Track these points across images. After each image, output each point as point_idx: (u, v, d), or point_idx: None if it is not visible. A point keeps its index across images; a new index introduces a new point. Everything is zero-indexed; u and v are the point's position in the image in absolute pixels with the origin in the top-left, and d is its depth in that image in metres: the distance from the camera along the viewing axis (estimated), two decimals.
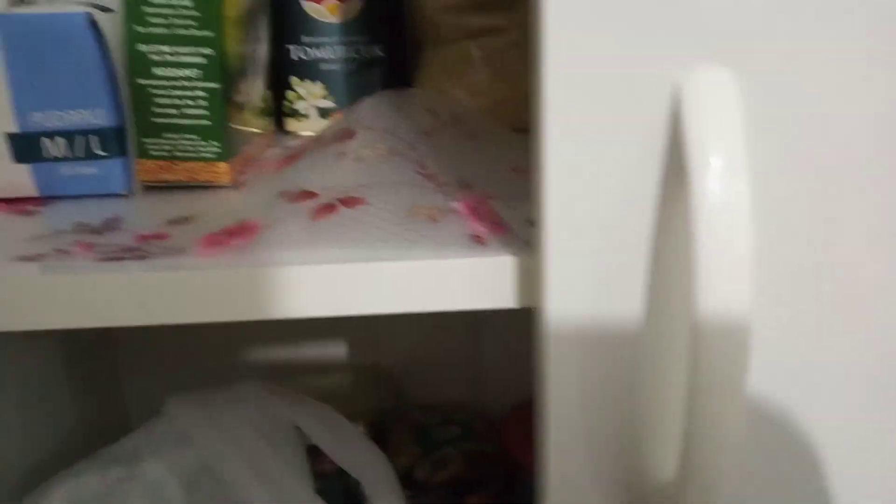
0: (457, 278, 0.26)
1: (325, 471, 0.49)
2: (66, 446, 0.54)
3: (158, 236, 0.29)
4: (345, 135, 0.34)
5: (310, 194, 0.30)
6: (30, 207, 0.33)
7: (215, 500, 0.42)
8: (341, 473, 0.47)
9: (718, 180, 0.21)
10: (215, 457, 0.43)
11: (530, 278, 0.26)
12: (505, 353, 0.64)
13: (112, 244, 0.28)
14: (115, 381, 0.62)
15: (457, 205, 0.29)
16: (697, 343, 0.21)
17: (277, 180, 0.34)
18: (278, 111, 0.46)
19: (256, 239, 0.27)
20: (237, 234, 0.28)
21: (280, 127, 0.46)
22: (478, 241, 0.27)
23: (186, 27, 0.32)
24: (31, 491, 0.46)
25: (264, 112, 0.44)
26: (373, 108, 0.36)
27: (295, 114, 0.45)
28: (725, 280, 0.21)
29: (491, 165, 0.33)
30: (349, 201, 0.29)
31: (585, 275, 0.23)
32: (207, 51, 0.33)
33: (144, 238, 0.28)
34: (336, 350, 0.64)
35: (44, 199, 0.34)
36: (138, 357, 0.63)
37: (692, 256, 0.21)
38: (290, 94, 0.45)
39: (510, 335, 0.63)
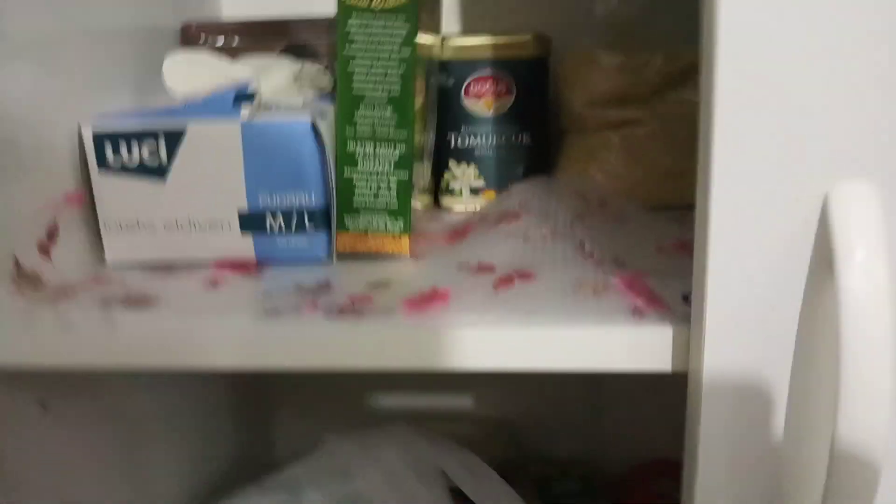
0: (621, 345, 0.30)
1: None
2: (226, 475, 0.61)
3: (366, 298, 0.35)
4: (511, 216, 0.40)
5: (488, 267, 0.36)
6: (252, 271, 0.41)
7: None
8: None
9: (861, 273, 0.25)
10: (371, 489, 0.48)
11: (684, 347, 0.30)
12: (622, 412, 0.67)
13: (331, 303, 0.34)
14: (267, 417, 0.70)
15: (615, 280, 0.34)
16: (839, 408, 0.25)
17: (452, 253, 0.40)
18: (436, 189, 0.53)
19: (450, 304, 0.33)
20: (433, 299, 0.34)
21: (436, 202, 0.53)
22: (638, 313, 0.31)
23: (386, 129, 0.40)
24: None
25: (427, 190, 0.51)
26: (531, 193, 0.42)
27: (451, 192, 0.52)
28: (867, 354, 0.25)
29: (639, 244, 0.38)
30: (524, 275, 0.34)
31: (739, 343, 0.28)
32: (402, 148, 0.40)
33: (354, 300, 0.35)
34: (463, 402, 0.69)
35: (259, 264, 0.42)
36: (287, 398, 0.70)
37: (837, 336, 0.25)
38: (447, 175, 0.52)
39: (629, 396, 0.66)
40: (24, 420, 0.39)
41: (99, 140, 0.40)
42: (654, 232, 0.41)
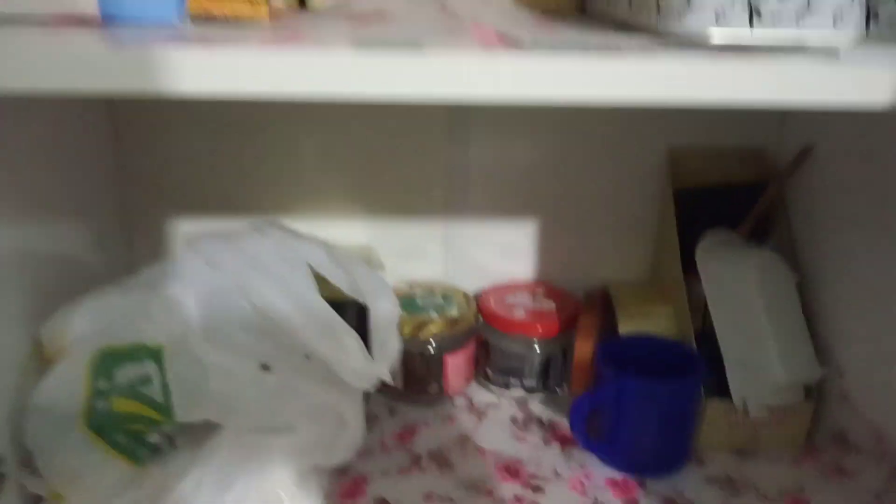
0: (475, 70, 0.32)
1: None
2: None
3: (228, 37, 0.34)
4: None
5: (345, 11, 0.36)
6: (97, 28, 0.38)
7: (232, 315, 0.48)
8: None
9: None
10: (237, 279, 0.49)
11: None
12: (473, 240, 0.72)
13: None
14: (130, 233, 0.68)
15: (471, 26, 0.36)
16: None
17: (314, 18, 0.39)
18: None
19: (307, 39, 0.33)
20: (293, 37, 0.33)
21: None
22: (488, 45, 0.33)
23: None
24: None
25: None
26: None
27: None
28: None
29: (500, 13, 0.40)
30: (383, 15, 0.35)
31: None
32: None
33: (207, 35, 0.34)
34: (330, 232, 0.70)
35: (104, 22, 0.39)
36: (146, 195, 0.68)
37: None
38: None
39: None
40: None
41: None
42: (522, 13, 0.42)
